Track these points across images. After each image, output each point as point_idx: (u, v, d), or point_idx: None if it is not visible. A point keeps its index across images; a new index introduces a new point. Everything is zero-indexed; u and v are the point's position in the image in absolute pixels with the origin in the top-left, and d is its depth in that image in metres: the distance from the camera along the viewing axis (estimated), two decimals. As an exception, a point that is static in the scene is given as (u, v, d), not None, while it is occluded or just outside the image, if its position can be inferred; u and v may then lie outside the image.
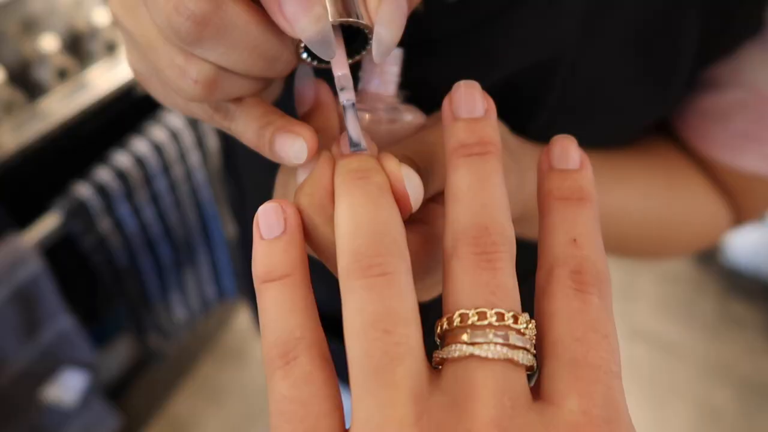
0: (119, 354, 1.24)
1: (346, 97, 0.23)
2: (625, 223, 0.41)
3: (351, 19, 0.21)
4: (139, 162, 1.02)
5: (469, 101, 0.21)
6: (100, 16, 0.98)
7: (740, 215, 0.45)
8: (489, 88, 0.32)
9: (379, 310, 0.17)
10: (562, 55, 0.32)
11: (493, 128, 0.21)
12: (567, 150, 0.22)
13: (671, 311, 1.80)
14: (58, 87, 0.94)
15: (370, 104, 0.27)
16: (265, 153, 0.23)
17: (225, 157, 0.67)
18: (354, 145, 0.22)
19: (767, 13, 0.32)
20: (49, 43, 0.90)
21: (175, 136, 1.08)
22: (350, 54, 0.23)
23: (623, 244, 0.43)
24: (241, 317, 1.67)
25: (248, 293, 0.73)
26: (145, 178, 1.04)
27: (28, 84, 0.91)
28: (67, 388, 1.00)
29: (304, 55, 0.23)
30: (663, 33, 0.32)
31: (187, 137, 1.10)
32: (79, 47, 0.98)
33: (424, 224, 0.24)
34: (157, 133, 1.05)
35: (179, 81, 0.21)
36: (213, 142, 1.16)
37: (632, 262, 1.92)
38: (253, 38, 0.20)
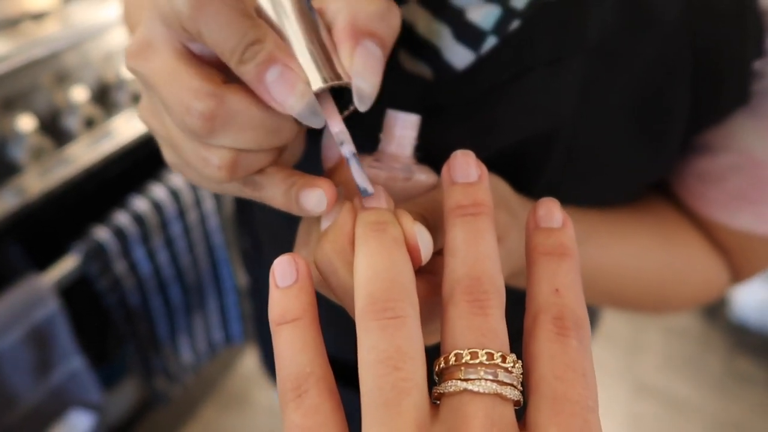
0: (125, 396, 1.24)
1: (347, 149, 0.25)
2: (623, 279, 0.42)
3: (332, 83, 0.24)
4: (157, 207, 1.06)
5: (465, 168, 0.24)
6: (128, 70, 1.04)
7: (738, 273, 0.46)
8: (495, 153, 0.35)
9: (390, 348, 0.19)
10: (563, 124, 0.34)
11: (485, 191, 0.24)
12: (551, 211, 0.24)
13: (678, 366, 1.78)
14: (85, 135, 0.99)
15: (388, 164, 0.29)
16: (294, 211, 0.26)
17: (239, 208, 0.71)
18: (362, 191, 0.25)
19: (753, 86, 0.34)
20: (80, 93, 0.95)
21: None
22: (345, 106, 0.26)
23: (621, 298, 0.45)
24: (246, 362, 1.67)
25: (258, 339, 0.75)
26: (161, 223, 1.07)
27: (56, 132, 0.95)
28: (73, 429, 1.01)
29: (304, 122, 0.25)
30: (656, 102, 0.34)
31: (203, 184, 1.15)
32: (107, 98, 1.04)
33: (431, 275, 0.26)
34: (175, 179, 1.10)
35: (205, 169, 0.24)
36: (227, 189, 1.20)
37: (638, 316, 1.92)
38: (256, 119, 0.23)
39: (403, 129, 0.29)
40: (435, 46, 0.35)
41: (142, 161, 1.07)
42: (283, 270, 0.23)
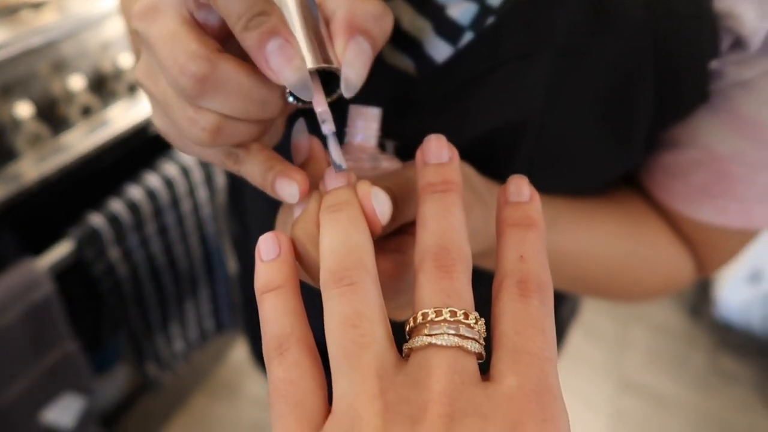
0: (116, 382, 1.26)
1: (328, 127, 0.27)
2: (589, 265, 0.44)
3: (324, 65, 0.26)
4: (151, 195, 1.07)
5: (437, 150, 0.26)
6: (125, 60, 1.06)
7: (703, 265, 0.48)
8: (467, 143, 0.37)
9: (347, 310, 0.22)
10: (532, 116, 0.36)
11: (455, 171, 0.26)
12: (520, 187, 0.26)
13: (663, 363, 1.81)
14: (81, 123, 1.00)
15: (355, 155, 0.32)
16: (268, 191, 0.29)
17: (231, 198, 0.72)
18: (337, 167, 0.27)
19: (712, 85, 0.36)
20: (77, 82, 0.97)
21: (185, 172, 1.14)
22: (329, 93, 0.28)
23: (587, 283, 0.46)
24: (237, 352, 1.68)
25: (247, 329, 0.77)
26: (155, 211, 1.09)
27: (53, 119, 0.97)
28: (65, 411, 1.02)
29: (290, 99, 0.27)
30: (621, 98, 0.36)
31: (197, 174, 1.16)
32: (104, 87, 1.05)
33: (398, 253, 0.29)
34: (169, 168, 1.12)
35: (191, 129, 0.26)
36: (221, 180, 1.21)
37: (624, 313, 1.94)
38: (245, 88, 0.25)
39: (366, 121, 0.32)
40: (417, 40, 0.37)
41: (137, 150, 1.09)
42: (267, 245, 0.25)
